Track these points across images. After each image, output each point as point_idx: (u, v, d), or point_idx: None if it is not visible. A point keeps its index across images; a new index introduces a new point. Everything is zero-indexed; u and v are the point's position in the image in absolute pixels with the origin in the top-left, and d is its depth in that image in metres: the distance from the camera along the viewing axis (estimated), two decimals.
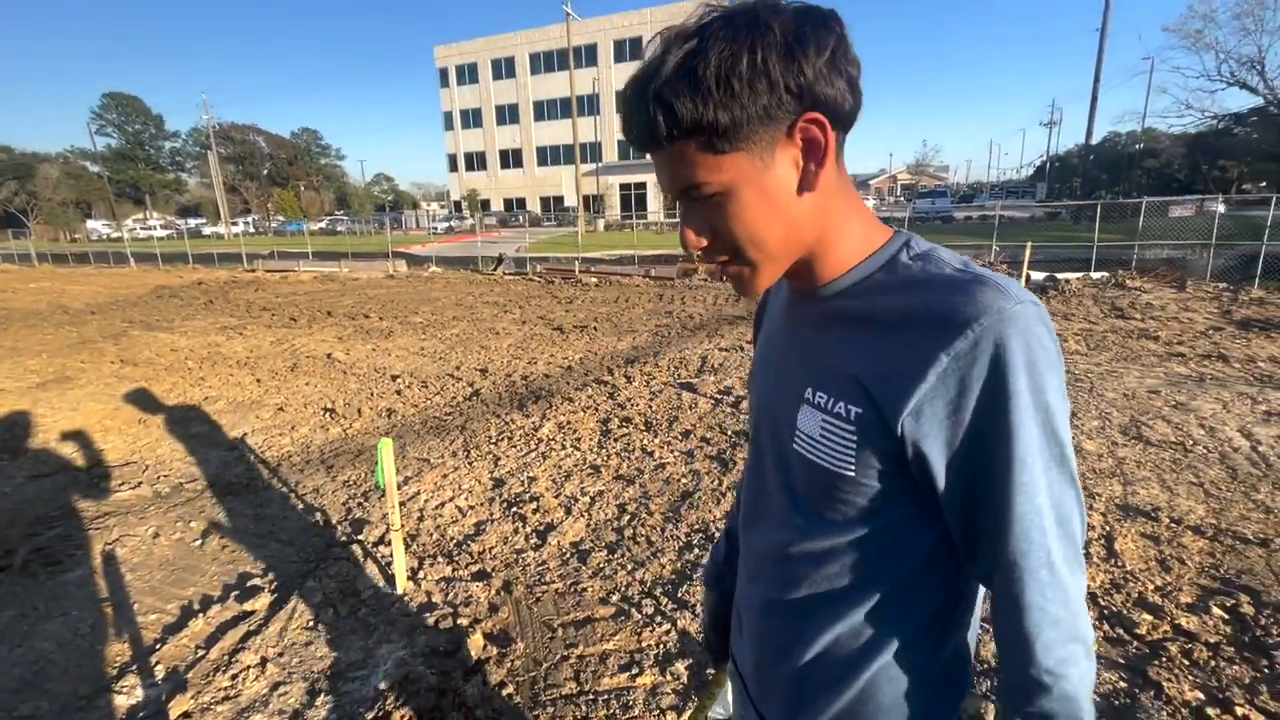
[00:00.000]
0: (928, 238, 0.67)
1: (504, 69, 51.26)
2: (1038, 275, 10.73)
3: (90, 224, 59.90)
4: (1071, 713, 0.58)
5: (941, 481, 0.59)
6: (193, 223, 59.38)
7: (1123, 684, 2.04)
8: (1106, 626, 2.31)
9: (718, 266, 0.66)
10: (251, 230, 54.56)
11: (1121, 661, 2.14)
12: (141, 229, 53.26)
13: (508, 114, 52.01)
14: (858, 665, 0.68)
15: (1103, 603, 2.44)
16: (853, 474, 0.62)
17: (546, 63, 49.00)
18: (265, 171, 75.08)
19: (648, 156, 0.63)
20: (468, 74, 52.93)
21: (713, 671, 1.15)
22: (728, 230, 0.62)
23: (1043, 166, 50.40)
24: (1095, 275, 10.82)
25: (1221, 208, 13.87)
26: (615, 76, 46.10)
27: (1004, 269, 11.81)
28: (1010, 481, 0.56)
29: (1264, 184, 29.17)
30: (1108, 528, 2.94)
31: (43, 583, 2.86)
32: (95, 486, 3.89)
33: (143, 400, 5.61)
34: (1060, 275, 10.60)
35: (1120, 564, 2.67)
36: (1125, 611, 2.38)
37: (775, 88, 0.55)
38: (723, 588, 0.98)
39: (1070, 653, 0.58)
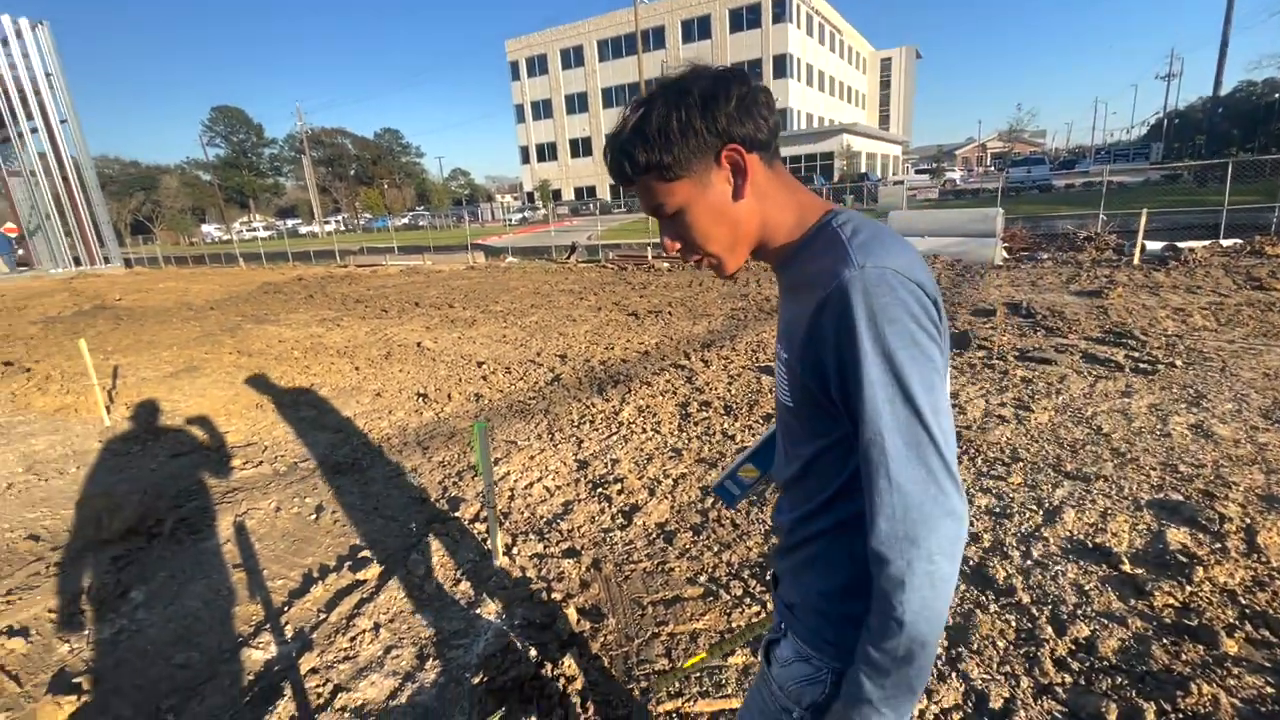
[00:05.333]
0: (1023, 209, 0.67)
1: (572, 58, 51.72)
2: (1154, 245, 9.77)
3: (204, 228, 65.66)
4: (895, 593, 0.71)
5: (836, 405, 0.77)
6: (290, 223, 63.91)
7: (1269, 689, 1.85)
8: (1249, 627, 2.10)
9: (694, 260, 0.89)
10: (342, 228, 58.10)
11: (1267, 665, 1.94)
12: (247, 231, 57.85)
13: (577, 103, 52.53)
14: (814, 539, 0.89)
15: (1243, 601, 2.21)
16: (793, 406, 0.84)
17: (615, 49, 49.02)
18: (352, 172, 79.65)
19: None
20: (537, 65, 53.80)
21: None
22: (689, 236, 0.86)
23: (1159, 125, 45.58)
24: (1226, 242, 9.73)
25: None
26: (684, 57, 45.37)
27: (1113, 239, 10.82)
28: (861, 411, 0.72)
29: None
30: (1248, 520, 2.66)
31: (187, 548, 3.20)
32: (223, 465, 4.29)
33: (258, 387, 6.12)
34: (1182, 244, 9.61)
35: (1264, 559, 2.41)
36: (1271, 611, 2.15)
37: (699, 134, 0.78)
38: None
39: (901, 547, 0.70)
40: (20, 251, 24.77)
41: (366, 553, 3.04)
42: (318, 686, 2.19)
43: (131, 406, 5.67)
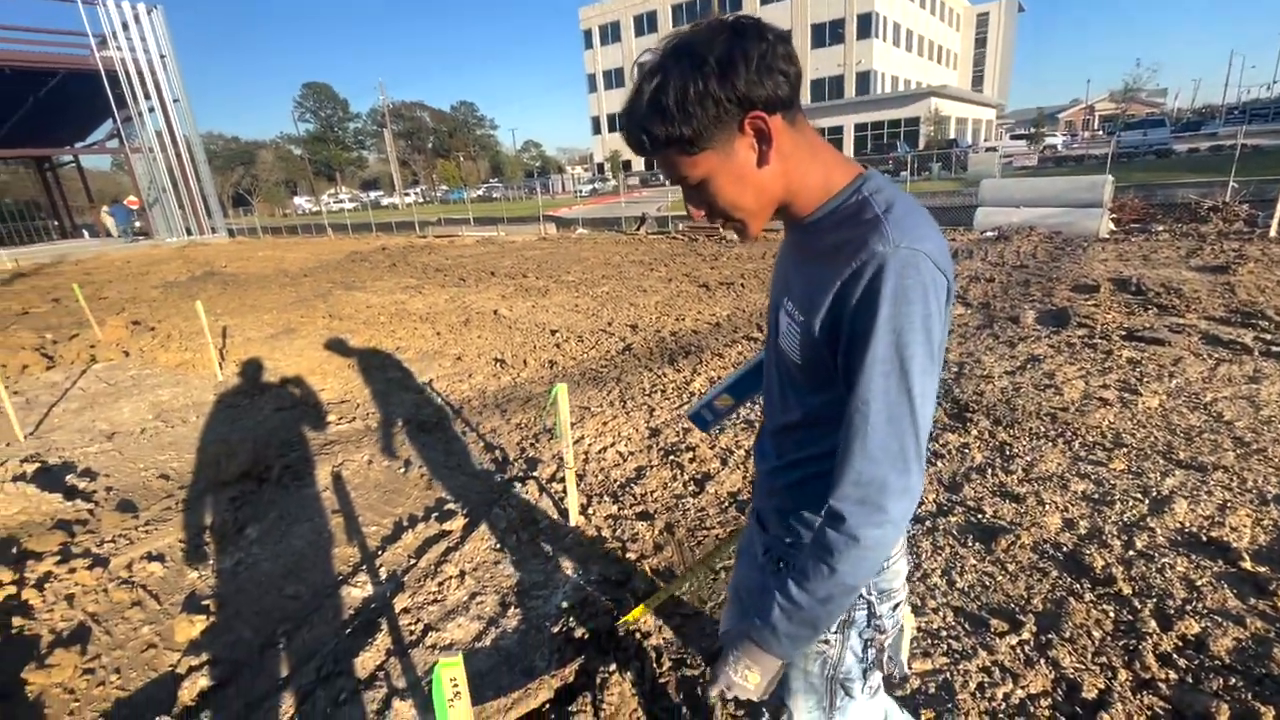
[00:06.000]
0: (1136, 176, 0.61)
1: (646, 24, 50.79)
2: None
3: (296, 200, 69.75)
4: (839, 547, 0.78)
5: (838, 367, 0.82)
6: (373, 195, 66.85)
7: None
8: None
9: (720, 224, 0.90)
10: (420, 199, 60.26)
11: None
12: (334, 203, 60.97)
13: None
14: (812, 480, 0.94)
15: None
16: (800, 362, 0.88)
17: (689, 13, 47.67)
18: (430, 144, 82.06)
19: None
20: (610, 34, 53.21)
21: None
22: (714, 203, 0.85)
23: None
24: None
25: None
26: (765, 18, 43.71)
27: (1244, 210, 9.71)
28: (858, 379, 0.76)
29: None
30: None
31: (293, 493, 3.48)
32: (321, 419, 4.62)
33: (348, 349, 6.52)
34: None
35: None
36: None
37: (719, 103, 0.74)
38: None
39: (861, 511, 0.77)
40: (138, 223, 27.13)
41: (451, 505, 3.21)
42: (410, 625, 2.35)
43: (239, 364, 6.18)
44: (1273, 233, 8.26)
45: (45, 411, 5.16)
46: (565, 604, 2.34)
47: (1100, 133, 43.02)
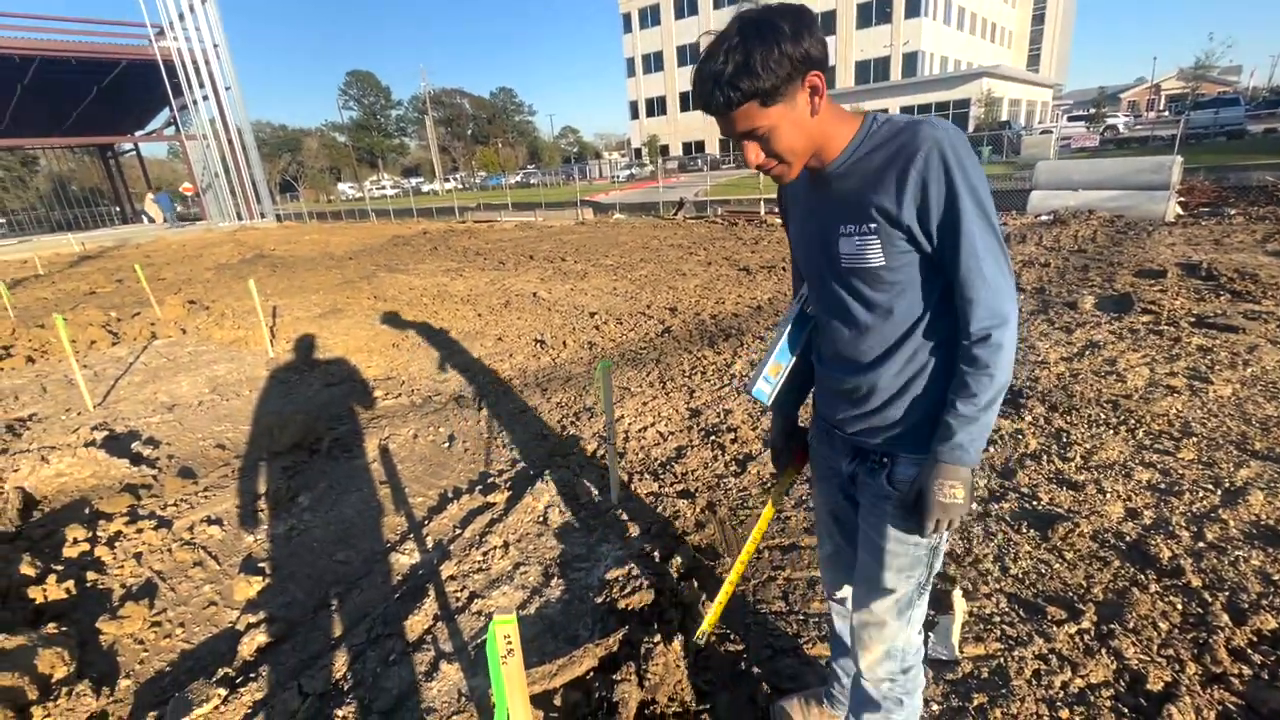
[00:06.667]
0: (1206, 159, 0.62)
1: (686, 7, 50.09)
2: None
3: (340, 186, 71.41)
4: (994, 357, 1.03)
5: (931, 242, 1.03)
6: (414, 181, 67.98)
7: None
8: None
9: (761, 168, 1.08)
10: (460, 186, 61.03)
11: None
12: (376, 189, 62.25)
13: (689, 54, 50.98)
14: (911, 366, 1.14)
15: None
16: (883, 263, 1.06)
17: None
18: (469, 131, 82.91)
19: (836, 86, 1.14)
20: (650, 17, 52.64)
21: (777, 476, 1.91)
22: (775, 149, 1.04)
23: None
24: None
25: None
26: None
27: None
28: (960, 236, 1.00)
29: None
30: None
31: (342, 464, 3.59)
32: (368, 395, 4.74)
33: (393, 329, 6.66)
34: None
35: None
36: None
37: (794, 62, 0.95)
38: (786, 411, 1.52)
39: (998, 324, 1.03)
40: (179, 209, 28.08)
41: (494, 480, 3.26)
42: (456, 592, 2.40)
43: (290, 342, 6.38)
44: None
45: (112, 384, 5.43)
46: (608, 575, 2.35)
47: (1166, 113, 40.62)
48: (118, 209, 34.89)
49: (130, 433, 4.25)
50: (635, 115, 57.01)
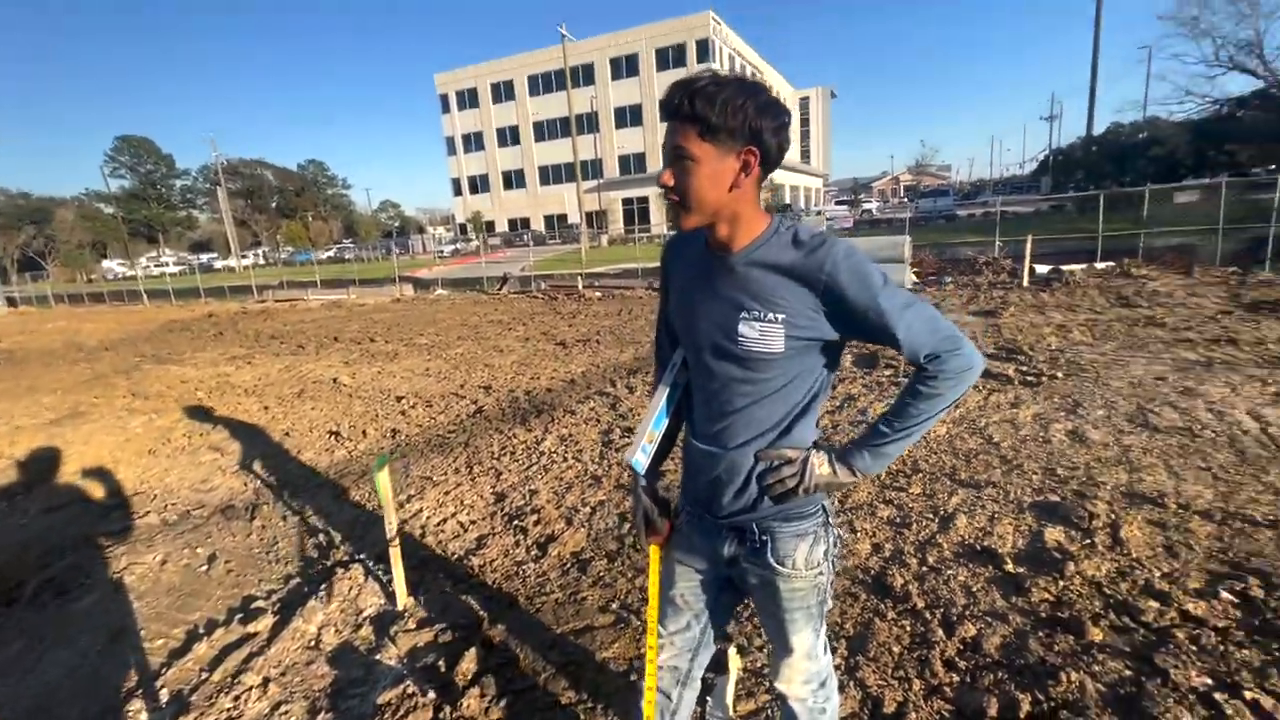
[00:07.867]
0: (930, 237, 0.84)
1: (503, 92, 51.97)
2: (1042, 268, 10.65)
3: (106, 264, 61.00)
4: (951, 358, 1.09)
5: (842, 329, 1.13)
6: (204, 257, 60.44)
7: (1129, 672, 2.00)
8: (1112, 615, 2.27)
9: (669, 202, 1.12)
10: (262, 262, 55.42)
11: (1127, 650, 2.10)
12: (155, 266, 54.16)
13: (509, 136, 52.64)
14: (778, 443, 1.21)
15: (1108, 591, 2.39)
16: (782, 351, 1.13)
17: (545, 84, 49.63)
18: (274, 204, 76.43)
19: (647, 170, 1.37)
20: (468, 99, 53.71)
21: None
22: (686, 185, 1.09)
23: (1045, 161, 50.01)
24: (1100, 265, 10.73)
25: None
26: (612, 94, 46.58)
27: (1008, 264, 11.73)
28: (886, 314, 1.07)
29: (1272, 166, 28.69)
30: (1113, 516, 2.89)
31: (51, 613, 2.90)
32: (105, 517, 3.94)
33: (152, 432, 5.69)
34: (1065, 267, 10.52)
35: (1126, 551, 2.62)
36: (1131, 599, 2.34)
37: (745, 121, 1.03)
38: (652, 479, 1.47)
39: (949, 344, 1.09)
40: None
41: (260, 603, 2.85)
42: None
43: (0, 458, 5.14)
44: (1025, 282, 10.04)
45: None
46: (382, 700, 2.13)
47: (905, 199, 50.33)
48: None
49: None
50: (459, 192, 56.90)
